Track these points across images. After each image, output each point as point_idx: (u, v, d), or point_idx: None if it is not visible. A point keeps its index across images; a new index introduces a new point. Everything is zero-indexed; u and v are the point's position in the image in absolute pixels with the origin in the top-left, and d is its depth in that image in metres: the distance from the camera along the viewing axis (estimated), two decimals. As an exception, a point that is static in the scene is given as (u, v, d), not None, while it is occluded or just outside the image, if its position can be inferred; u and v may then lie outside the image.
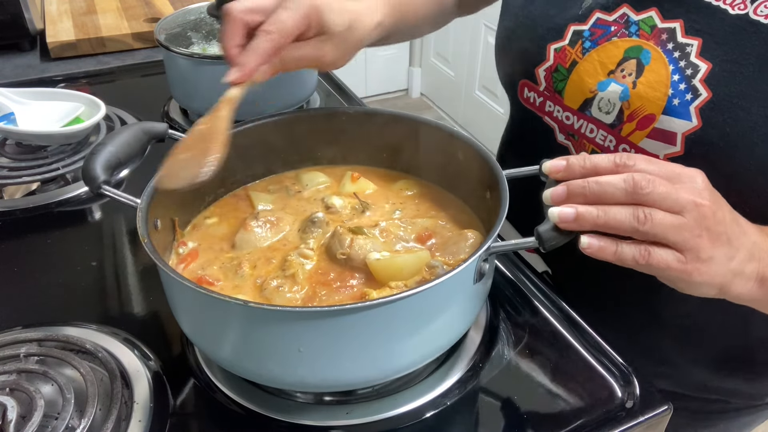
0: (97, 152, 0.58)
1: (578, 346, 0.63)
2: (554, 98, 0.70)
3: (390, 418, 0.57)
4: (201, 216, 0.69)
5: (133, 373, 0.59)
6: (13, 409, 0.53)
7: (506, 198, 0.57)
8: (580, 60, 0.66)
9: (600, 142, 0.67)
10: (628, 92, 0.62)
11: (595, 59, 0.65)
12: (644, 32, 0.62)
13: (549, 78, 0.69)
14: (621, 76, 0.63)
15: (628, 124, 0.63)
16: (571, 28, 0.67)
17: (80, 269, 0.73)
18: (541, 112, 0.73)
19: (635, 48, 0.62)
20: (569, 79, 0.67)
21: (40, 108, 0.98)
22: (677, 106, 0.59)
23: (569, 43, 0.67)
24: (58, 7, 1.45)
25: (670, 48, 0.60)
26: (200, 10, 1.02)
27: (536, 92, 0.72)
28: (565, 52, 0.67)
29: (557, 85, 0.69)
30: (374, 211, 0.69)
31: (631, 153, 0.63)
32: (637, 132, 0.63)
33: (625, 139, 0.64)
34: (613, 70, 0.64)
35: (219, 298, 0.48)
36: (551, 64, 0.69)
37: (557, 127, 0.71)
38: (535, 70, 0.71)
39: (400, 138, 0.72)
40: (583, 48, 0.66)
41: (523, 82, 0.74)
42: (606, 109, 0.65)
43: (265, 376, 0.55)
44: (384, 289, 0.57)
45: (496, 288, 0.69)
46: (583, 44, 0.66)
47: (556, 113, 0.70)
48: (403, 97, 3.69)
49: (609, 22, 0.65)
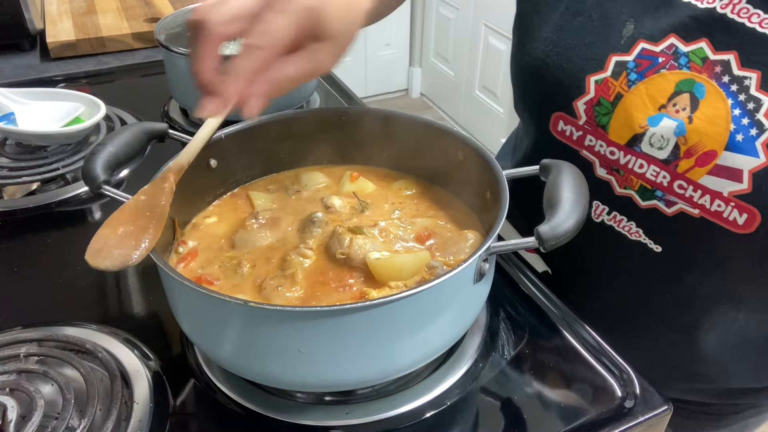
0: (97, 152, 0.58)
1: (578, 346, 0.63)
2: (596, 133, 0.65)
3: (390, 418, 0.57)
4: (201, 215, 0.69)
5: (133, 373, 0.59)
6: (13, 409, 0.53)
7: (506, 198, 0.56)
8: (625, 93, 0.62)
9: (651, 178, 0.63)
10: (684, 127, 0.59)
11: (643, 92, 0.61)
12: (695, 64, 0.58)
13: (590, 112, 0.65)
14: (674, 111, 0.59)
15: (685, 160, 0.59)
16: (612, 58, 0.62)
17: (80, 269, 0.73)
18: (578, 145, 0.68)
19: (687, 81, 0.59)
20: (614, 113, 0.63)
21: (40, 108, 0.98)
22: (741, 142, 0.56)
23: (612, 74, 0.62)
24: (58, 7, 1.45)
25: (726, 81, 0.57)
26: (200, 10, 1.02)
27: (574, 126, 0.67)
28: (607, 84, 0.63)
29: (600, 120, 0.64)
30: (373, 210, 0.69)
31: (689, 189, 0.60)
32: (696, 169, 0.59)
33: (682, 175, 0.60)
34: (664, 104, 0.60)
35: (219, 298, 0.48)
36: (592, 97, 0.64)
37: (597, 161, 0.67)
38: (573, 103, 0.66)
39: (400, 138, 0.72)
40: (629, 80, 0.61)
41: (557, 114, 0.69)
42: (659, 145, 0.61)
43: (265, 376, 0.55)
44: (384, 289, 0.57)
45: (496, 288, 0.69)
46: (628, 76, 0.61)
47: (598, 147, 0.66)
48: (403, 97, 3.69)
49: (656, 53, 0.60)
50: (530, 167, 0.61)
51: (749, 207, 0.57)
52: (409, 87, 3.68)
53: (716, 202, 0.59)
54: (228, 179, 0.72)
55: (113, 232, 0.52)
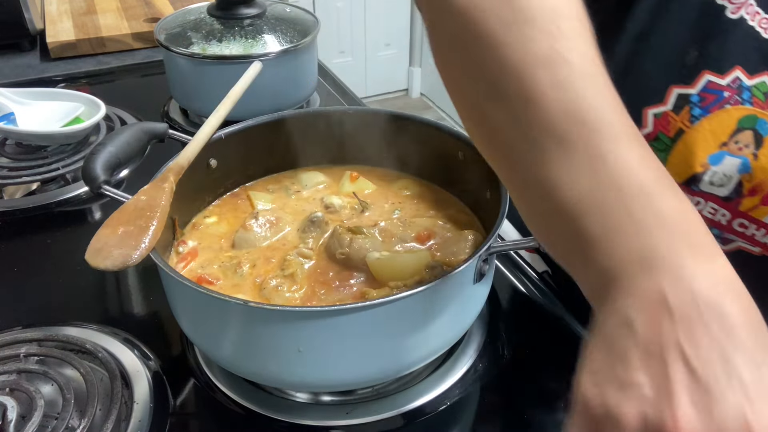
0: (97, 152, 0.58)
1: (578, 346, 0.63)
2: None
3: (390, 418, 0.57)
4: (201, 215, 0.69)
5: (133, 373, 0.59)
6: (13, 409, 0.53)
7: (506, 198, 0.56)
8: (687, 129, 0.56)
9: (708, 216, 0.58)
10: (749, 165, 0.54)
11: (707, 128, 0.55)
12: (758, 100, 0.54)
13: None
14: (736, 149, 0.55)
15: (749, 198, 0.55)
16: (674, 90, 0.56)
17: (80, 269, 0.73)
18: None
19: (750, 117, 0.54)
20: (674, 149, 0.57)
21: (40, 108, 0.98)
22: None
23: (673, 108, 0.57)
24: (58, 7, 1.45)
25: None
26: (200, 10, 1.02)
27: None
28: (668, 118, 0.57)
29: (657, 156, 0.61)
30: (373, 210, 0.69)
31: (751, 227, 0.56)
32: (761, 207, 0.55)
33: (745, 214, 0.56)
34: (725, 141, 0.55)
35: (218, 298, 0.48)
36: (650, 131, 0.58)
37: None
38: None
39: (400, 138, 0.72)
40: (692, 116, 0.56)
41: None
42: (720, 183, 0.56)
43: (265, 376, 0.55)
44: (384, 288, 0.57)
45: (496, 288, 0.69)
46: (691, 111, 0.56)
47: None
48: (403, 97, 3.69)
49: (722, 87, 0.55)
50: (530, 167, 0.60)
51: None
52: (409, 87, 3.68)
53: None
54: (228, 179, 0.72)
55: (113, 232, 0.52)
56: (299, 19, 1.02)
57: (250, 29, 0.97)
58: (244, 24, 0.98)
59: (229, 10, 0.98)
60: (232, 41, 0.96)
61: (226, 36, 0.96)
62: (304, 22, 1.01)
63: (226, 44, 0.96)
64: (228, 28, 0.97)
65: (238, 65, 0.90)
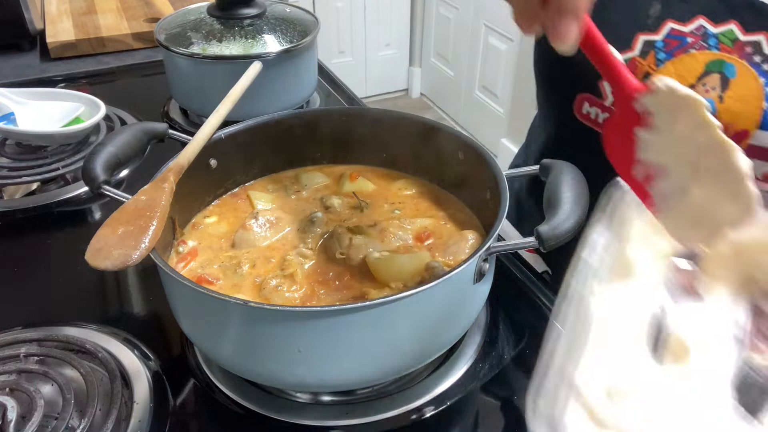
0: (97, 152, 0.58)
1: (578, 346, 0.63)
2: None
3: (390, 418, 0.57)
4: (201, 215, 0.69)
5: (133, 373, 0.59)
6: (13, 409, 0.53)
7: (506, 198, 0.56)
8: (653, 72, 0.61)
9: None
10: (714, 107, 0.58)
11: (672, 72, 0.60)
12: (725, 46, 0.58)
13: None
14: (703, 91, 0.58)
15: None
16: (640, 37, 0.62)
17: (80, 269, 0.73)
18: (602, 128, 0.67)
19: (717, 62, 0.58)
20: None
21: (40, 108, 0.98)
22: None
23: (640, 54, 0.62)
24: (58, 7, 1.45)
25: (757, 61, 0.57)
26: (200, 10, 1.02)
27: (599, 107, 0.66)
28: (635, 63, 0.62)
29: None
30: (373, 210, 0.69)
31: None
32: None
33: None
34: (693, 84, 0.59)
35: (218, 298, 0.48)
36: None
37: None
38: (599, 83, 0.65)
39: (400, 138, 0.72)
40: (657, 59, 0.61)
41: (582, 96, 0.67)
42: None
43: (265, 376, 0.55)
44: (384, 289, 0.57)
45: (496, 288, 0.69)
46: (656, 55, 0.61)
47: None
48: (403, 97, 3.69)
49: (685, 33, 0.60)
50: (530, 167, 0.61)
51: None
52: (409, 87, 3.68)
53: None
54: (228, 179, 0.72)
55: (113, 232, 0.52)
56: (299, 19, 1.02)
57: (250, 29, 0.97)
58: (244, 24, 0.98)
59: (229, 10, 0.98)
60: (232, 41, 0.96)
61: (226, 36, 0.96)
62: (304, 22, 1.02)
63: (226, 44, 0.96)
64: (228, 28, 0.97)
65: (238, 65, 0.90)
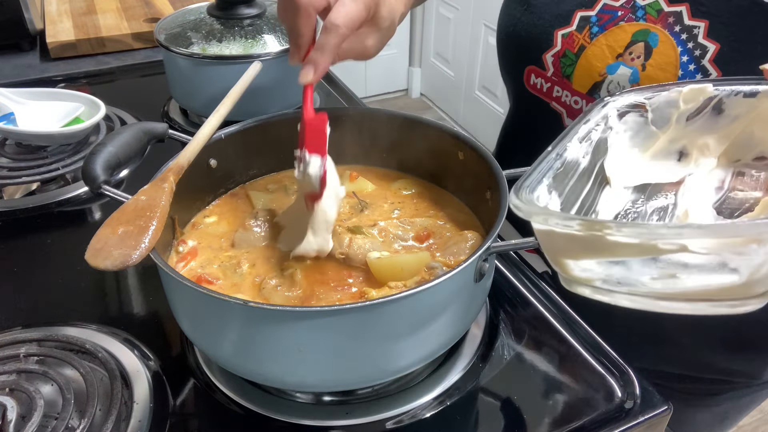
0: (97, 152, 0.58)
1: (578, 346, 0.63)
2: (562, 83, 0.71)
3: (390, 418, 0.57)
4: (200, 215, 0.69)
5: (133, 373, 0.59)
6: (13, 409, 0.53)
7: (506, 198, 0.56)
8: (588, 45, 0.68)
9: None
10: (638, 74, 0.64)
11: (603, 43, 0.67)
12: (651, 16, 0.64)
13: (557, 63, 0.71)
14: (630, 59, 0.65)
15: None
16: (578, 14, 0.69)
17: (80, 269, 0.73)
18: (548, 98, 0.74)
19: (643, 32, 0.64)
20: (577, 63, 0.69)
21: (40, 108, 0.98)
22: None
23: (576, 28, 0.69)
24: (58, 7, 1.45)
25: (677, 30, 0.62)
26: (200, 10, 1.02)
27: (544, 78, 0.74)
28: (572, 37, 0.69)
29: (565, 70, 0.70)
30: (373, 210, 0.69)
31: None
32: None
33: None
34: (621, 53, 0.65)
35: (218, 298, 0.48)
36: (559, 49, 0.70)
37: (565, 111, 0.73)
38: (543, 56, 0.72)
39: (400, 138, 0.72)
40: (591, 33, 0.68)
41: (529, 68, 0.75)
42: (616, 92, 0.65)
43: (265, 376, 0.55)
44: (384, 289, 0.57)
45: (496, 288, 0.69)
46: (590, 29, 0.68)
47: (564, 98, 0.72)
48: (403, 97, 3.69)
49: (616, 8, 0.66)
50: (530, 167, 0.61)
51: None
52: (409, 87, 3.68)
53: None
54: (228, 179, 0.72)
55: (113, 232, 0.52)
56: (299, 19, 1.02)
57: (250, 29, 0.97)
58: (244, 24, 0.98)
59: (229, 10, 0.98)
60: (232, 41, 0.96)
61: (226, 36, 0.96)
62: (304, 22, 1.01)
63: (226, 44, 0.95)
64: (228, 28, 0.97)
65: (238, 65, 0.90)
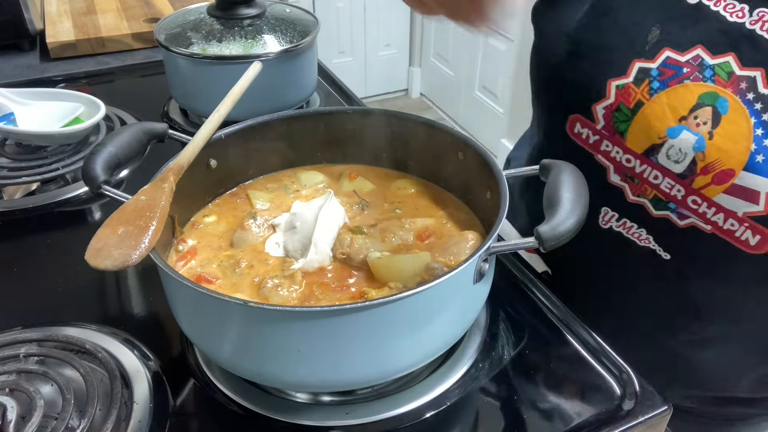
0: (97, 152, 0.58)
1: (578, 346, 0.63)
2: (614, 139, 0.64)
3: (390, 418, 0.57)
4: (200, 214, 0.69)
5: (132, 374, 0.59)
6: (12, 409, 0.53)
7: (506, 198, 0.56)
8: (646, 101, 0.60)
9: (666, 190, 0.62)
10: (703, 143, 0.57)
11: (665, 102, 0.59)
12: (720, 78, 0.57)
13: (609, 117, 0.63)
14: (695, 124, 0.58)
15: (701, 176, 0.58)
16: (636, 64, 0.61)
17: (80, 269, 0.73)
18: (594, 150, 0.67)
19: (711, 95, 0.57)
20: (633, 120, 0.61)
21: (40, 108, 0.98)
22: (761, 163, 0.55)
23: (634, 80, 0.61)
24: (57, 7, 1.45)
25: (750, 99, 0.56)
26: (200, 10, 1.02)
27: (591, 129, 0.66)
28: (629, 90, 0.61)
29: (619, 126, 0.63)
30: (373, 209, 0.69)
31: (702, 205, 0.60)
32: (712, 186, 0.58)
33: (697, 191, 0.59)
34: (685, 116, 0.58)
35: (218, 298, 0.48)
36: (612, 102, 0.62)
37: (612, 167, 0.66)
38: (593, 106, 0.64)
39: (400, 138, 0.72)
40: (651, 88, 0.60)
41: (575, 117, 0.67)
42: (676, 158, 0.59)
43: (265, 376, 0.55)
44: (383, 289, 0.57)
45: (496, 288, 0.69)
46: (650, 84, 0.60)
47: (614, 154, 0.64)
48: (402, 97, 3.69)
49: (681, 63, 0.59)
50: (530, 167, 0.61)
51: (763, 229, 0.57)
52: (409, 87, 3.68)
53: (729, 220, 0.58)
54: (227, 179, 0.72)
55: (113, 232, 0.52)
56: (299, 19, 1.02)
57: (250, 29, 0.97)
58: (244, 24, 0.98)
59: (229, 10, 0.98)
60: (232, 41, 0.96)
61: (226, 36, 0.96)
62: (304, 22, 1.01)
63: (226, 44, 0.95)
64: (228, 29, 0.97)
65: (238, 65, 0.90)
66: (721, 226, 0.59)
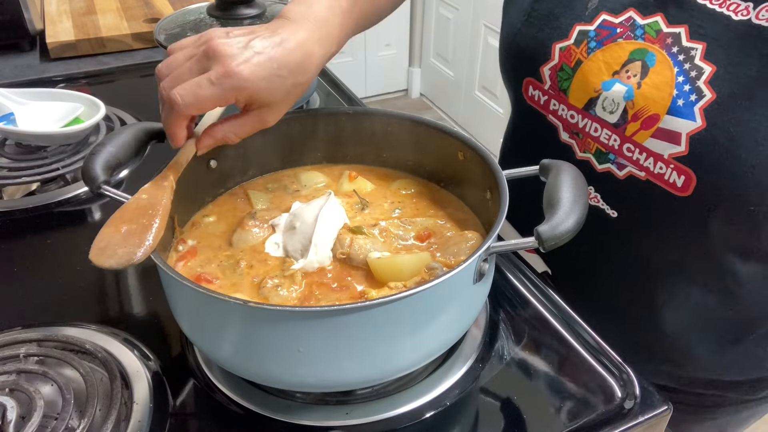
0: (96, 152, 0.58)
1: (578, 346, 0.63)
2: (559, 97, 0.71)
3: (390, 418, 0.57)
4: (200, 214, 0.69)
5: (132, 374, 0.59)
6: (12, 409, 0.53)
7: (506, 198, 0.56)
8: (585, 59, 0.67)
9: (605, 141, 0.68)
10: (632, 92, 0.63)
11: (600, 59, 0.66)
12: (650, 36, 0.63)
13: (554, 77, 0.71)
14: (626, 77, 0.64)
15: (632, 123, 0.64)
16: (576, 27, 0.68)
17: (80, 269, 0.73)
18: (545, 110, 0.74)
19: (640, 50, 0.64)
20: (574, 78, 0.68)
21: (40, 108, 0.98)
22: (681, 106, 0.60)
23: (574, 42, 0.68)
24: (57, 7, 1.45)
25: (675, 51, 0.61)
26: (200, 10, 1.02)
27: (541, 90, 0.73)
28: (570, 51, 0.69)
29: (562, 84, 0.70)
30: (373, 209, 0.69)
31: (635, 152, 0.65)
32: (641, 132, 0.64)
33: (630, 138, 0.65)
34: (617, 70, 0.65)
35: (218, 298, 0.48)
36: (556, 63, 0.70)
37: (561, 125, 0.72)
38: (540, 68, 0.72)
39: (400, 138, 0.72)
40: (589, 48, 0.67)
41: (527, 80, 0.75)
42: (610, 109, 0.66)
43: (265, 376, 0.55)
44: (383, 289, 0.57)
45: (496, 288, 0.70)
46: (588, 44, 0.67)
47: (561, 111, 0.71)
48: (402, 97, 3.69)
49: (615, 24, 0.66)
50: (530, 167, 0.61)
51: (686, 169, 0.61)
52: (409, 87, 3.68)
53: (658, 164, 0.63)
54: (227, 178, 0.72)
55: (116, 230, 0.52)
56: (299, 19, 1.02)
57: (249, 29, 0.97)
58: (244, 24, 0.98)
59: (229, 10, 0.98)
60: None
61: (225, 36, 0.96)
62: (304, 22, 1.01)
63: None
64: (228, 28, 0.97)
65: (238, 65, 0.90)
66: (652, 170, 0.64)
